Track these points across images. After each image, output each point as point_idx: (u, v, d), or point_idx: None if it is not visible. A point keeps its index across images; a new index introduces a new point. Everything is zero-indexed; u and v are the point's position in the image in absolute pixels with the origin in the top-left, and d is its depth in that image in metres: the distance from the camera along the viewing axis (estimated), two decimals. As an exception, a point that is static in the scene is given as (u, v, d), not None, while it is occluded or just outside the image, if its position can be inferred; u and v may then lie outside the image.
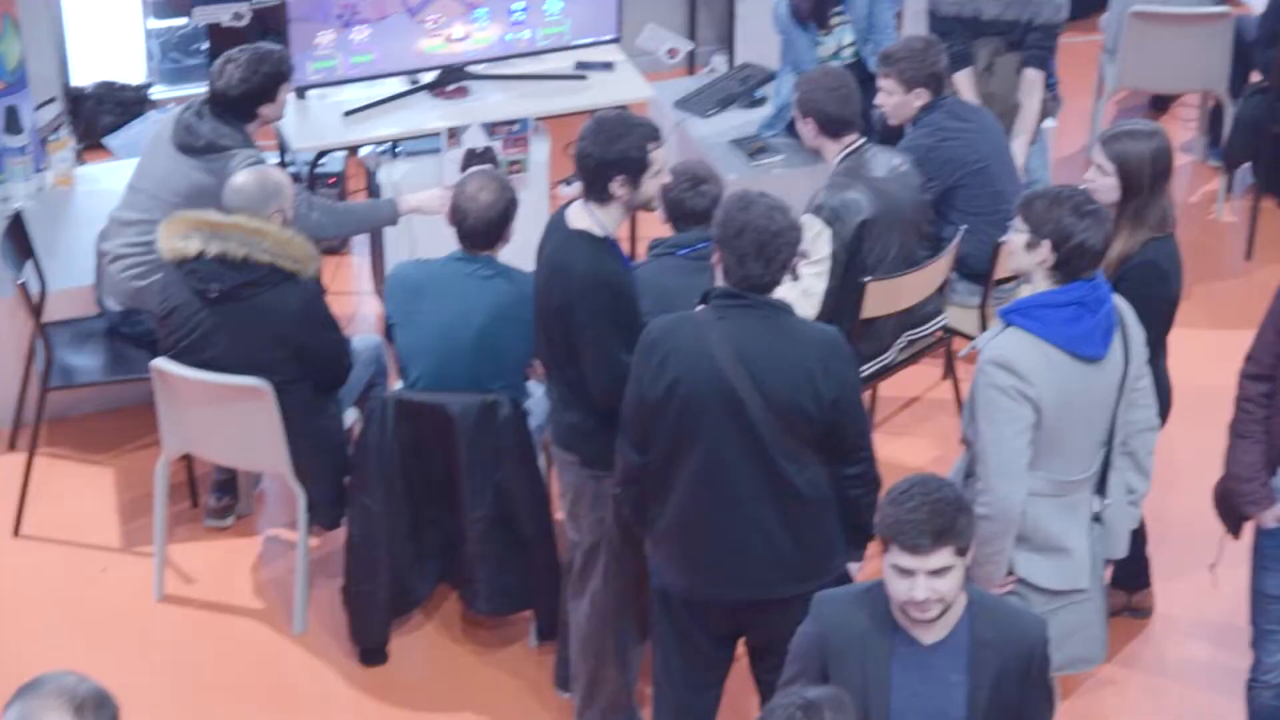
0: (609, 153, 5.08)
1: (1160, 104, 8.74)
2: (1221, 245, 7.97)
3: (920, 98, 6.56)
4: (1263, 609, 5.22)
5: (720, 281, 4.79)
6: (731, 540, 4.82)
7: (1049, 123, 7.53)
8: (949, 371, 7.03)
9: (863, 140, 6.27)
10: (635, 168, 5.09)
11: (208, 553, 6.43)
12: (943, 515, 4.02)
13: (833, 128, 6.21)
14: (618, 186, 5.11)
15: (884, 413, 7.04)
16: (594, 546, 5.44)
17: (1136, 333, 4.92)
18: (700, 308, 4.82)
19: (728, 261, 4.73)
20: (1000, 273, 6.49)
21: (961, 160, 6.60)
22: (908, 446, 6.87)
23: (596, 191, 5.14)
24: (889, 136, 6.80)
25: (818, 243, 6.10)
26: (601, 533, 5.39)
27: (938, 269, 6.44)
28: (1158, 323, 5.31)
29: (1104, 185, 5.32)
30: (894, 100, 6.58)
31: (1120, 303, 4.90)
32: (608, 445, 5.04)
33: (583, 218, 5.18)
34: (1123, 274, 5.24)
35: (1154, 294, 5.28)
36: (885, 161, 6.28)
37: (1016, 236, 4.80)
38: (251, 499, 6.61)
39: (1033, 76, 7.27)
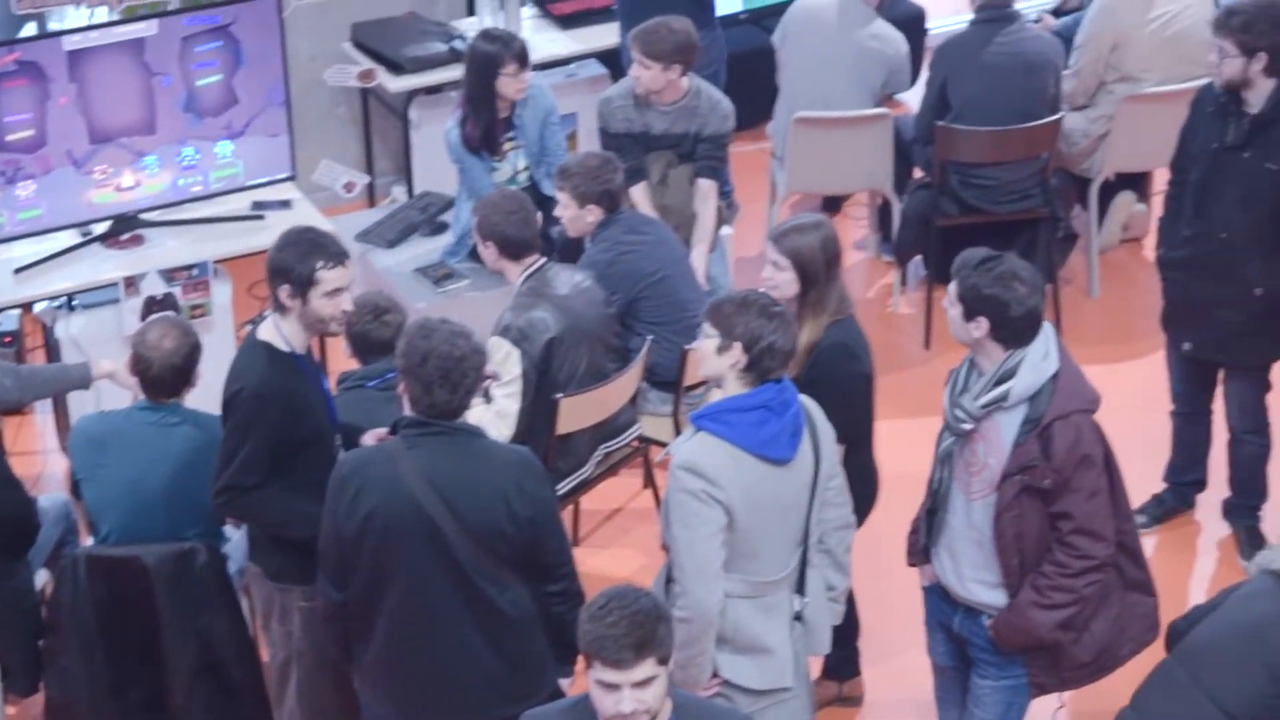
0: (278, 260, 5.16)
1: (831, 205, 8.98)
2: (900, 337, 8.20)
3: (593, 214, 6.66)
4: (934, 675, 5.40)
5: (408, 411, 4.80)
6: (440, 668, 4.81)
7: (726, 230, 7.69)
8: (648, 480, 7.11)
9: (544, 260, 6.34)
10: (300, 280, 5.13)
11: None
12: (642, 627, 4.05)
13: (513, 250, 6.27)
14: (286, 296, 5.16)
15: (587, 526, 7.08)
16: (286, 661, 5.40)
17: (826, 432, 5.03)
18: (391, 438, 4.82)
19: (414, 390, 4.75)
20: (689, 379, 6.60)
21: (641, 272, 6.71)
22: (613, 558, 6.92)
23: (274, 300, 5.21)
24: (570, 251, 6.88)
25: (507, 363, 6.14)
26: (290, 647, 5.35)
27: (628, 380, 6.52)
28: (859, 402, 5.49)
29: (783, 280, 5.47)
30: (569, 214, 6.68)
31: (809, 404, 5.00)
32: (290, 559, 5.02)
33: (269, 330, 5.23)
34: (814, 360, 5.41)
35: (848, 372, 5.47)
36: (568, 279, 6.35)
37: (706, 342, 4.89)
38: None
39: (706, 186, 7.44)
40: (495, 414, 6.12)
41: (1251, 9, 6.18)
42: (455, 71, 8.28)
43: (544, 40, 8.66)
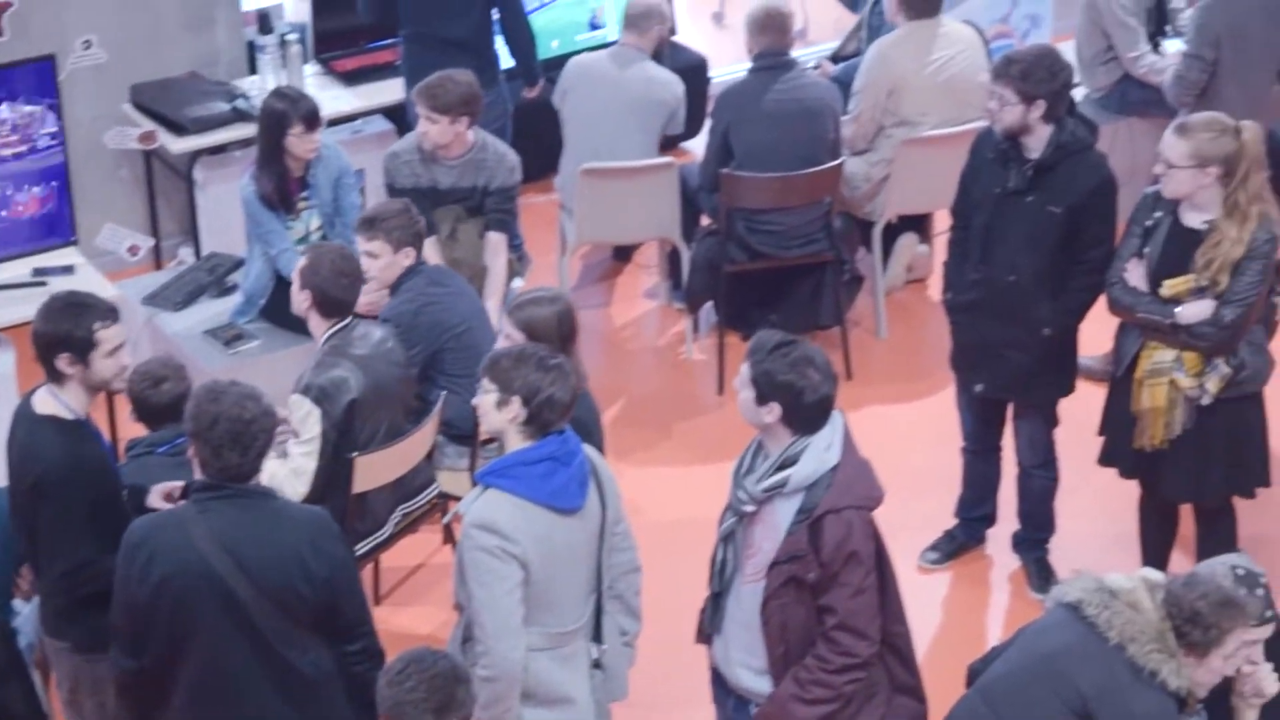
0: (51, 330, 5.09)
1: (622, 253, 9.05)
2: (694, 384, 8.26)
3: (409, 257, 6.64)
4: None
5: (199, 475, 4.74)
6: (242, 734, 4.75)
7: (518, 282, 7.70)
8: (448, 536, 7.08)
9: (349, 319, 6.29)
10: (80, 345, 5.07)
11: None
12: (442, 690, 4.06)
13: (328, 307, 6.22)
14: (66, 365, 5.09)
15: (387, 584, 7.03)
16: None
17: (610, 480, 5.06)
18: (182, 503, 4.76)
19: (204, 454, 4.70)
20: (485, 433, 6.58)
21: (445, 324, 6.70)
22: (415, 615, 6.88)
23: (49, 371, 5.12)
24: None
25: (307, 422, 6.10)
26: (104, 718, 5.25)
27: (423, 436, 6.49)
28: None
29: None
30: (382, 262, 6.62)
31: (592, 452, 5.04)
32: (100, 628, 4.93)
33: (49, 402, 5.14)
34: None
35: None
36: (370, 339, 6.31)
37: (486, 397, 4.89)
38: None
39: (496, 240, 7.45)
40: (291, 471, 6.07)
41: (1030, 58, 6.34)
42: (239, 131, 8.23)
43: (328, 97, 8.62)
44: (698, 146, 8.82)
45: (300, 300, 6.25)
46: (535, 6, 9.15)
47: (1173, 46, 7.98)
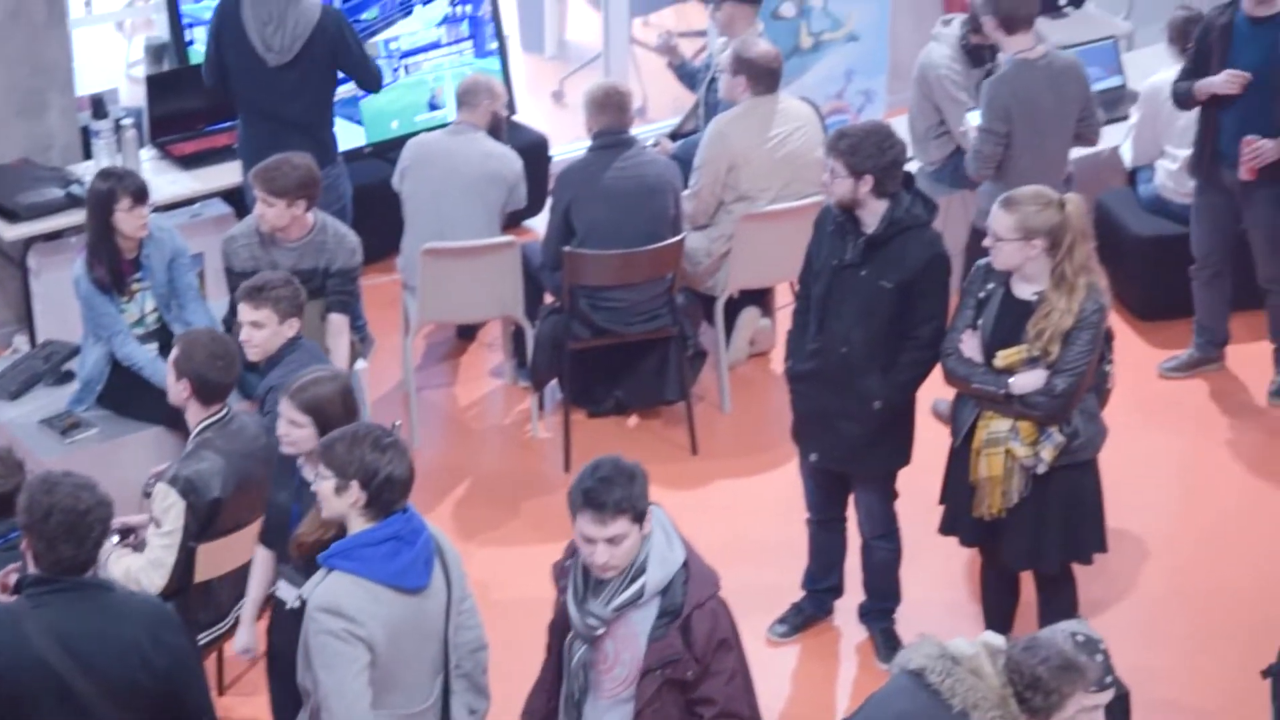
0: None
1: (466, 332, 9.03)
2: (541, 461, 8.25)
3: (292, 328, 6.58)
4: None
5: (33, 568, 4.65)
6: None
7: (361, 364, 7.67)
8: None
9: (226, 411, 6.21)
10: None
11: None
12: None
13: (206, 393, 6.14)
14: None
15: (232, 672, 6.92)
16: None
17: (454, 557, 5.04)
18: (14, 598, 4.67)
19: (38, 547, 4.61)
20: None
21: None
22: (261, 704, 6.76)
23: None
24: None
25: (170, 514, 6.02)
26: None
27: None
28: None
29: (300, 437, 5.54)
30: (266, 332, 6.54)
31: (436, 530, 5.01)
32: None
33: None
34: None
35: None
36: (245, 433, 6.22)
37: (324, 484, 4.86)
38: None
39: (338, 321, 7.41)
40: (148, 562, 5.99)
41: (859, 133, 6.42)
42: (74, 217, 8.13)
43: (165, 181, 8.56)
44: (540, 224, 8.84)
45: (178, 391, 6.16)
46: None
47: (973, 119, 8.13)
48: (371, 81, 8.39)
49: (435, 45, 9.46)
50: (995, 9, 7.92)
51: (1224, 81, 8.03)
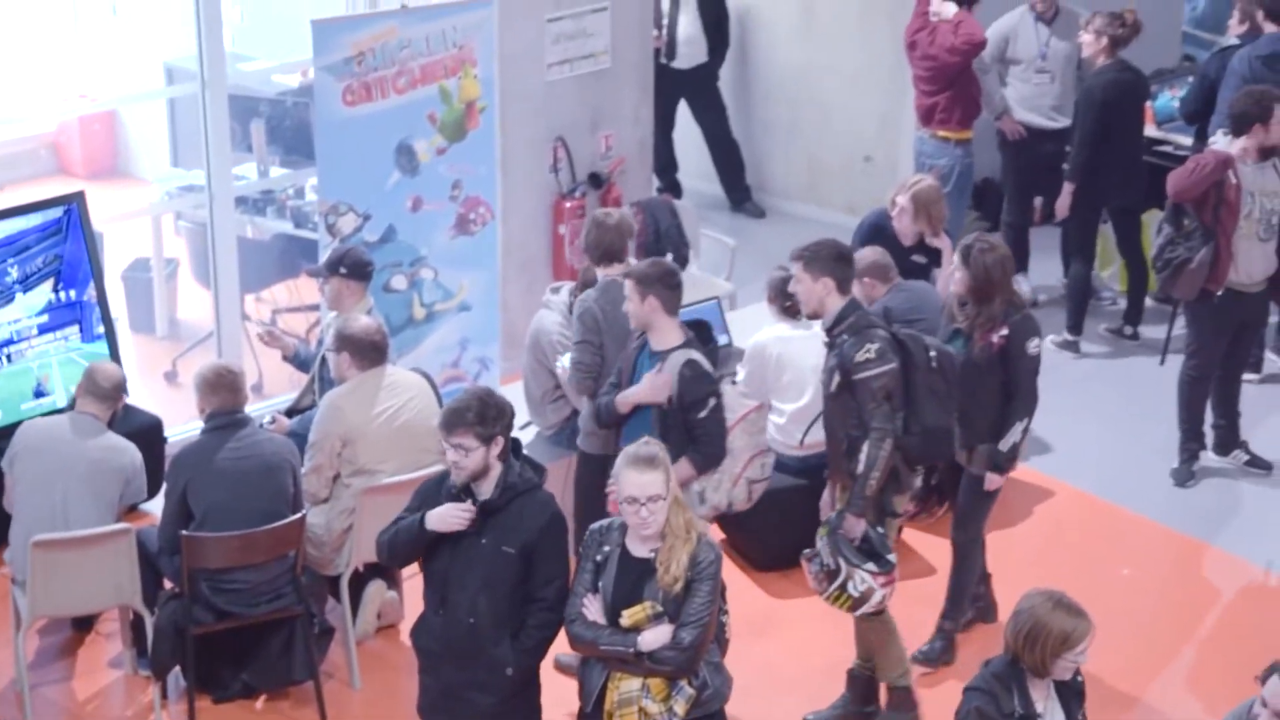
0: None
1: (82, 624, 8.74)
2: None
3: None
4: None
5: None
6: None
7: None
8: None
9: None
10: None
11: None
12: None
13: None
14: None
15: None
16: None
17: None
18: None
19: None
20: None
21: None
22: None
23: None
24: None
25: None
26: None
27: None
28: None
29: None
30: None
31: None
32: None
33: None
34: None
35: None
36: None
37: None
38: None
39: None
40: None
41: (477, 402, 6.52)
42: None
43: None
44: (156, 508, 8.66)
45: None
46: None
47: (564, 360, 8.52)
48: None
49: (40, 330, 9.28)
50: (591, 251, 8.36)
51: None
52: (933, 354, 7.73)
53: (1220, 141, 9.81)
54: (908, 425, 7.64)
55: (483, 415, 6.40)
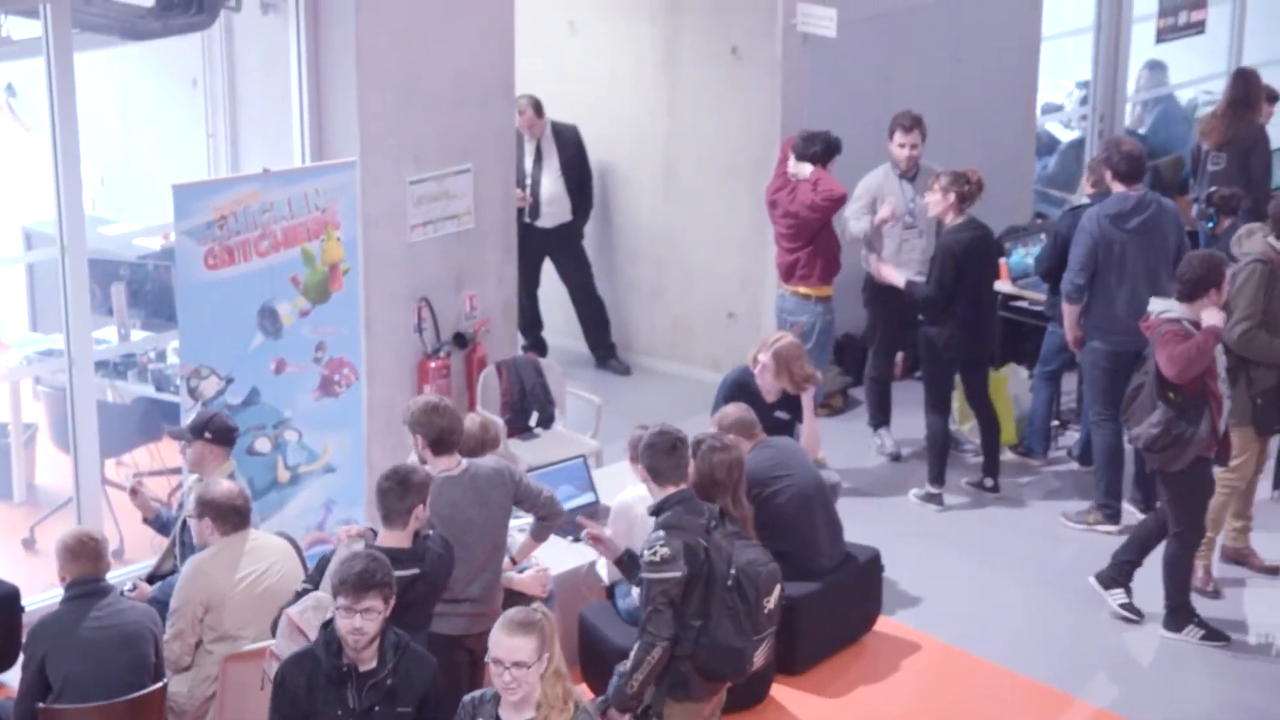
0: None
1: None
2: None
3: None
4: None
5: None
6: None
7: None
8: None
9: None
10: None
11: None
12: None
13: None
14: None
15: None
16: None
17: None
18: None
19: None
20: None
21: None
22: None
23: None
24: None
25: None
26: None
27: None
28: None
29: None
30: None
31: None
32: None
33: None
34: None
35: None
36: None
37: None
38: None
39: None
40: None
41: (371, 565, 6.51)
42: None
43: None
44: (13, 679, 8.49)
45: None
46: None
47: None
48: None
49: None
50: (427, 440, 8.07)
51: None
52: (733, 571, 7.54)
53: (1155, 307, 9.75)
54: (698, 638, 7.51)
55: (387, 572, 6.43)
